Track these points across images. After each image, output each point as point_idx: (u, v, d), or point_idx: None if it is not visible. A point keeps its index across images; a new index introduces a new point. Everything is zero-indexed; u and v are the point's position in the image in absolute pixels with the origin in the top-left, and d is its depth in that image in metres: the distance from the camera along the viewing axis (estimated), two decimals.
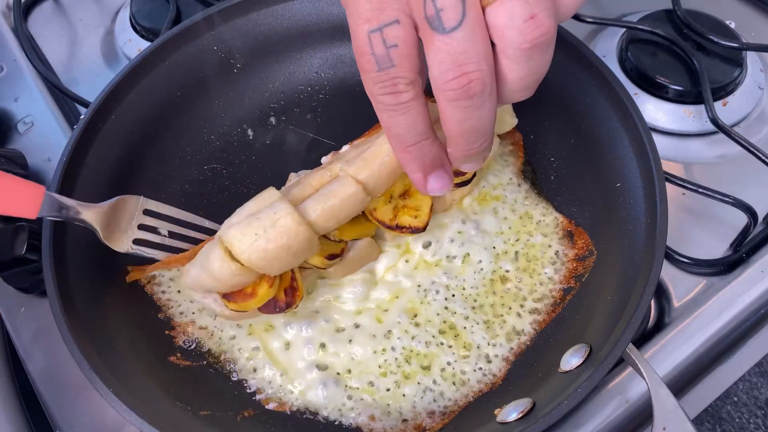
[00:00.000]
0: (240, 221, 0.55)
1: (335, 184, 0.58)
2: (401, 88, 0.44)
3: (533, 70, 0.44)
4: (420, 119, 0.47)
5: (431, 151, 0.49)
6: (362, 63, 0.45)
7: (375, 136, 0.61)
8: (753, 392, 0.68)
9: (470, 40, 0.41)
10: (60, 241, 0.60)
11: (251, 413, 0.59)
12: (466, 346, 0.62)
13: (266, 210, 0.55)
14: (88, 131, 0.65)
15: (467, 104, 0.43)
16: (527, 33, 0.41)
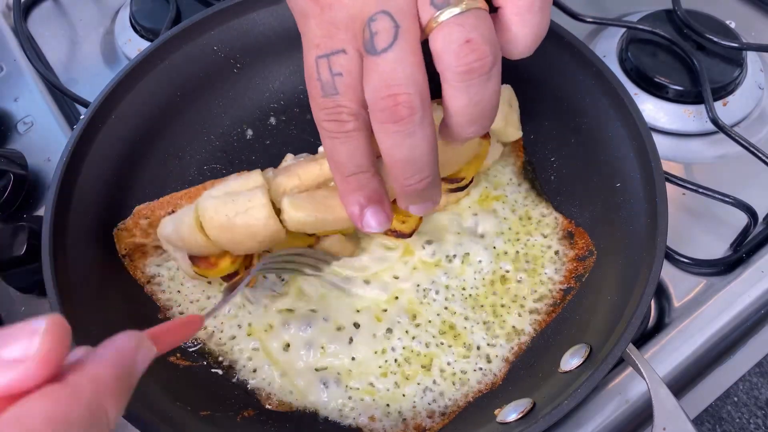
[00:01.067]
0: (218, 196, 0.56)
1: (335, 200, 0.57)
2: (344, 117, 0.45)
3: (474, 100, 0.43)
4: (360, 151, 0.47)
5: (370, 184, 0.49)
6: (310, 88, 0.46)
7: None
8: (753, 392, 0.68)
9: (400, 62, 0.42)
10: (60, 241, 0.60)
11: (251, 413, 0.59)
12: (466, 346, 0.62)
13: (244, 194, 0.56)
14: (88, 131, 0.65)
15: (396, 129, 0.43)
16: (462, 57, 0.41)
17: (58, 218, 0.60)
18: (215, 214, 0.56)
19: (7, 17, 0.98)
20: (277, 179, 0.59)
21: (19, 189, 0.76)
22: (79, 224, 0.63)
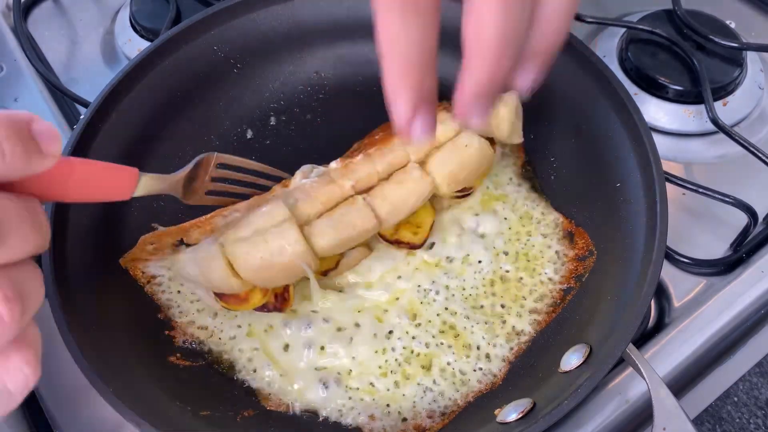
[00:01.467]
0: (247, 238, 0.55)
1: (353, 214, 0.58)
2: None
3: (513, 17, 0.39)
4: (432, 35, 0.40)
5: (431, 81, 0.42)
6: None
7: (403, 176, 0.61)
8: (753, 392, 0.68)
9: None
10: (60, 241, 0.60)
11: (251, 413, 0.59)
12: (466, 347, 0.62)
13: (275, 232, 0.55)
14: (88, 131, 0.65)
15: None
16: None
17: (58, 218, 0.60)
18: (249, 257, 0.55)
19: (7, 17, 0.98)
20: (299, 207, 0.58)
21: None
22: (79, 224, 0.63)
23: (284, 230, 0.55)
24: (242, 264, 0.55)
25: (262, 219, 0.56)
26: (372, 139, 0.69)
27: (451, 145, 0.63)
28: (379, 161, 0.62)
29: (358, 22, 0.78)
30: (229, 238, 0.56)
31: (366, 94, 0.79)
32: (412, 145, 0.62)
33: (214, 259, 0.56)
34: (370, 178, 0.61)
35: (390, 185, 0.60)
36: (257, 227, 0.56)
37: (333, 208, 0.59)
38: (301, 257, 0.55)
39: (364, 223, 0.58)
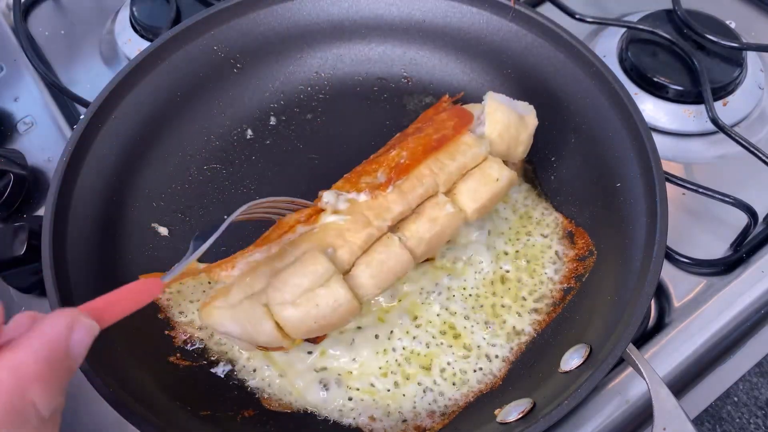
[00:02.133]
0: (295, 300, 0.53)
1: (393, 260, 0.57)
2: None
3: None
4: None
5: None
6: None
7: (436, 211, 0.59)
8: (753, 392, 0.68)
9: None
10: (60, 241, 0.60)
11: (251, 413, 0.59)
12: (466, 347, 0.62)
13: (324, 294, 0.54)
14: (88, 131, 0.65)
15: None
16: None
17: (58, 218, 0.60)
18: (302, 323, 0.54)
19: (7, 17, 0.98)
20: (338, 256, 0.56)
21: (19, 189, 0.76)
22: (79, 224, 0.63)
23: (333, 290, 0.54)
24: (294, 327, 0.54)
25: (306, 279, 0.54)
26: (389, 155, 0.64)
27: (480, 174, 0.62)
28: (411, 196, 0.59)
29: (358, 22, 0.78)
30: (275, 300, 0.54)
31: (366, 94, 0.79)
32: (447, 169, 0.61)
33: (261, 321, 0.54)
34: (403, 214, 0.59)
35: (424, 224, 0.59)
36: (303, 287, 0.54)
37: (369, 249, 0.57)
38: (352, 312, 0.55)
39: (404, 267, 0.58)
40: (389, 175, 0.60)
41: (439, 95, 0.77)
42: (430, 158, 0.61)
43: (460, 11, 0.75)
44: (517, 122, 0.64)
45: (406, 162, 0.60)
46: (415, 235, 0.58)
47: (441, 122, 0.64)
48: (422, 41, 0.78)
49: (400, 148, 0.62)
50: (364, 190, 0.59)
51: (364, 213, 0.58)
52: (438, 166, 0.60)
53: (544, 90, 0.71)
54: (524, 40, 0.72)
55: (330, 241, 0.56)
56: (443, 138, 0.62)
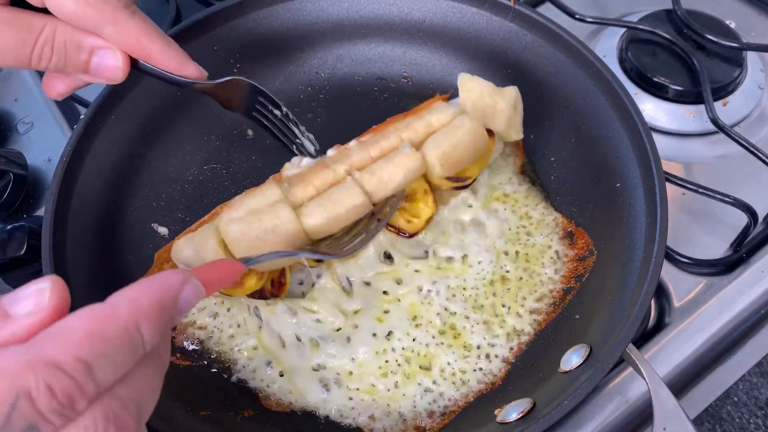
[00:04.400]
0: (241, 218, 0.55)
1: (342, 192, 0.58)
2: None
3: None
4: None
5: None
6: None
7: (393, 153, 0.61)
8: (753, 392, 0.68)
9: None
10: (60, 241, 0.60)
11: (251, 413, 0.59)
12: (466, 347, 0.62)
13: (269, 212, 0.55)
14: (88, 131, 0.65)
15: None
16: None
17: (58, 218, 0.60)
18: (242, 235, 0.55)
19: None
20: (293, 192, 0.59)
21: (19, 189, 0.76)
22: (79, 224, 0.63)
23: (277, 210, 0.56)
24: (236, 243, 0.55)
25: (255, 200, 0.57)
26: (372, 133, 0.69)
27: (446, 129, 0.63)
28: (372, 147, 0.62)
29: (357, 22, 0.78)
30: (224, 218, 0.57)
31: (366, 94, 0.79)
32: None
33: (207, 237, 0.56)
34: (363, 161, 0.61)
35: (379, 162, 0.61)
36: (251, 208, 0.57)
37: (326, 191, 0.59)
38: (295, 236, 0.56)
39: (352, 199, 0.58)
40: (356, 137, 0.64)
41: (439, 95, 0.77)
42: (399, 123, 0.64)
43: (460, 11, 0.75)
44: (492, 91, 0.64)
45: (374, 128, 0.65)
46: (367, 170, 0.60)
47: (419, 109, 0.67)
48: (422, 41, 0.78)
49: (377, 127, 0.66)
50: (332, 147, 0.63)
51: (325, 162, 0.61)
52: (404, 124, 0.63)
53: (544, 90, 0.71)
54: (524, 40, 0.72)
55: (286, 177, 0.60)
56: (415, 109, 0.65)
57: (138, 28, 0.51)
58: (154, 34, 0.53)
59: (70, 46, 0.50)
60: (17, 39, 0.47)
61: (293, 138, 0.67)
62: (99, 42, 0.51)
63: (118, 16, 0.50)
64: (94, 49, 0.51)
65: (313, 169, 0.61)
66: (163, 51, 0.54)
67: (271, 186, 0.58)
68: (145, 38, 0.52)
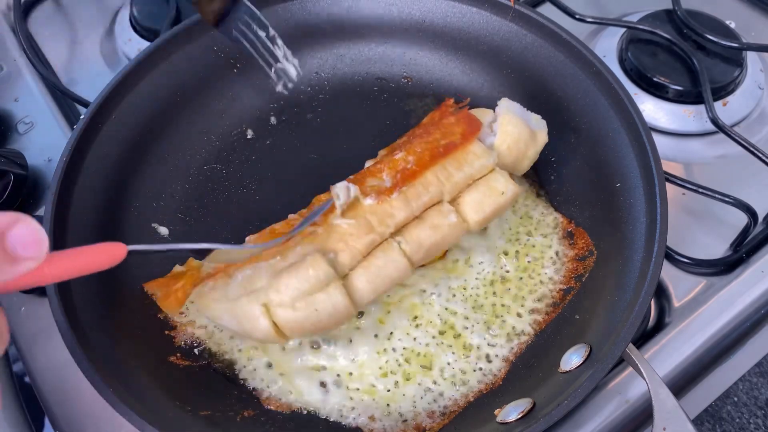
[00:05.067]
0: (294, 304, 0.54)
1: (390, 266, 0.58)
2: None
3: None
4: None
5: None
6: None
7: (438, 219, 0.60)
8: (753, 392, 0.68)
9: None
10: (60, 241, 0.60)
11: (251, 413, 0.59)
12: (466, 347, 0.62)
13: (323, 299, 0.55)
14: (88, 131, 0.65)
15: None
16: None
17: (58, 218, 0.60)
18: (299, 325, 0.55)
19: (7, 17, 0.98)
20: (339, 261, 0.57)
21: (19, 189, 0.76)
22: (79, 224, 0.63)
23: (332, 296, 0.55)
24: (291, 329, 0.55)
25: (307, 283, 0.54)
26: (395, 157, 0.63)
27: (485, 186, 0.62)
28: (415, 203, 0.60)
29: (358, 22, 0.78)
30: (274, 301, 0.55)
31: (366, 94, 0.79)
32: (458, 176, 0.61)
33: (259, 320, 0.55)
34: (406, 220, 0.60)
35: (425, 230, 0.59)
36: (303, 290, 0.54)
37: (369, 254, 0.58)
38: (348, 317, 0.56)
39: (401, 274, 0.59)
40: (395, 179, 0.60)
41: (439, 95, 0.77)
42: (436, 165, 0.61)
43: (460, 11, 0.75)
44: (528, 137, 0.64)
45: (412, 168, 0.60)
46: (416, 240, 0.59)
47: (449, 127, 0.64)
48: (422, 41, 0.78)
49: (407, 152, 0.62)
50: (370, 194, 0.59)
51: (367, 218, 0.58)
52: (444, 174, 0.61)
53: (543, 90, 0.71)
54: (524, 40, 0.72)
55: (332, 245, 0.57)
56: (451, 145, 0.62)
57: None
58: None
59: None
60: None
61: (275, 61, 0.65)
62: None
63: None
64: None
65: (356, 230, 0.58)
66: None
67: (320, 263, 0.55)
68: None
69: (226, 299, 0.57)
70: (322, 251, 0.56)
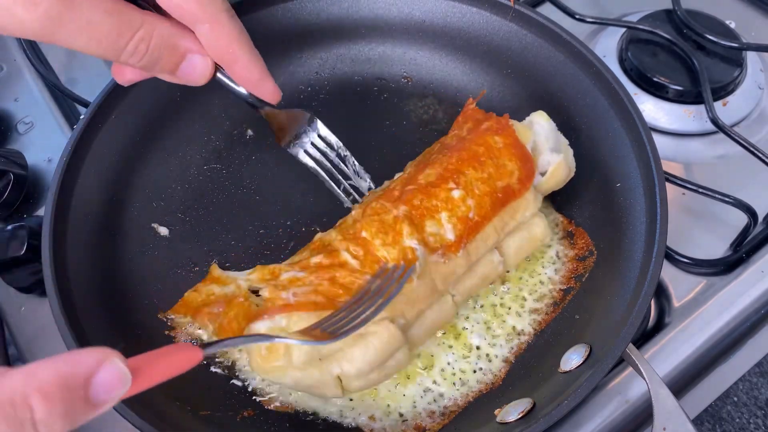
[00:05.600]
0: (368, 374, 0.55)
1: (440, 314, 0.60)
2: None
3: None
4: None
5: None
6: None
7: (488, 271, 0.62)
8: (753, 392, 0.68)
9: None
10: (60, 241, 0.60)
11: (251, 413, 0.59)
12: (466, 347, 0.62)
13: (393, 366, 0.56)
14: (88, 131, 0.65)
15: None
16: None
17: (58, 218, 0.60)
18: (368, 386, 0.57)
19: None
20: (407, 318, 0.57)
21: (19, 189, 0.76)
22: (79, 224, 0.63)
23: (398, 359, 0.57)
24: (359, 389, 0.57)
25: (381, 355, 0.55)
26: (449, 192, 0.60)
27: (527, 233, 0.63)
28: (474, 256, 0.60)
29: (358, 22, 0.78)
30: (347, 373, 0.55)
31: (366, 94, 0.79)
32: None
33: (331, 387, 0.56)
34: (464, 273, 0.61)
35: (476, 280, 0.62)
36: (377, 363, 0.55)
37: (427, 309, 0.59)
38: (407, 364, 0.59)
39: (449, 320, 0.61)
40: (460, 233, 0.58)
41: (440, 95, 0.77)
42: (495, 219, 0.61)
43: (460, 11, 0.75)
44: (566, 179, 0.65)
45: (475, 219, 0.59)
46: (467, 291, 0.62)
47: (496, 154, 0.61)
48: (422, 41, 0.78)
49: (465, 193, 0.59)
50: (437, 251, 0.58)
51: (433, 278, 0.58)
52: (500, 225, 0.61)
53: (544, 90, 0.71)
54: (524, 40, 0.72)
55: (401, 309, 0.57)
56: (509, 192, 0.61)
57: (232, 34, 0.50)
58: (245, 44, 0.52)
59: (164, 49, 0.49)
60: (114, 30, 0.46)
61: (345, 179, 0.67)
62: (192, 46, 0.51)
63: (218, 17, 0.49)
64: (186, 54, 0.51)
65: (423, 292, 0.57)
66: (248, 63, 0.52)
67: (394, 335, 0.55)
68: (236, 45, 0.51)
69: (292, 366, 0.55)
70: (391, 317, 0.56)
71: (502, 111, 0.67)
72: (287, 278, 0.58)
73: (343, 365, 0.55)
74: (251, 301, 0.59)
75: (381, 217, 0.59)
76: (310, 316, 0.55)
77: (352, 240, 0.58)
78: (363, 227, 0.58)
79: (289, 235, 0.69)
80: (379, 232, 0.58)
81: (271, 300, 0.56)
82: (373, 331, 0.55)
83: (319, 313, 0.55)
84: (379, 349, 0.55)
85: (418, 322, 0.58)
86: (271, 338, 0.51)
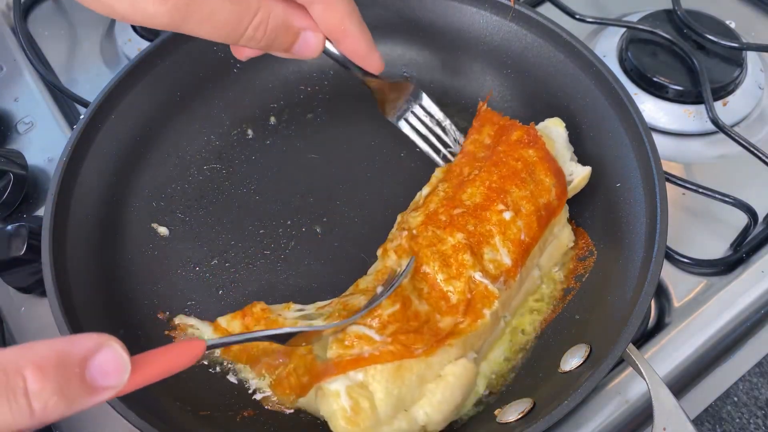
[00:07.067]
0: (450, 416, 0.54)
1: (494, 337, 0.60)
2: None
3: None
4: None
5: None
6: None
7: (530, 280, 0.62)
8: (753, 392, 0.68)
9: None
10: (60, 241, 0.60)
11: (251, 413, 0.59)
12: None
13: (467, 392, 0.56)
14: (88, 131, 0.65)
15: None
16: None
17: (58, 218, 0.60)
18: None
19: (7, 17, 0.98)
20: (483, 351, 0.58)
21: (19, 189, 0.76)
22: (79, 224, 0.63)
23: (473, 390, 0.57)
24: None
25: (462, 396, 0.54)
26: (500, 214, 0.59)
27: (557, 243, 0.64)
28: (527, 281, 0.62)
29: None
30: (432, 419, 0.53)
31: (366, 94, 0.79)
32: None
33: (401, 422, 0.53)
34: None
35: (520, 297, 0.62)
36: (458, 403, 0.54)
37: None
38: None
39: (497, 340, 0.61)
40: (515, 257, 0.58)
41: (440, 95, 0.77)
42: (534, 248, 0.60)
43: (460, 11, 0.75)
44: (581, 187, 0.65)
45: (527, 240, 0.58)
46: (513, 310, 0.61)
47: (533, 168, 0.61)
48: (422, 41, 0.78)
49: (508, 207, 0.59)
50: (499, 279, 0.57)
51: (498, 314, 0.58)
52: (542, 242, 0.61)
53: (544, 90, 0.71)
54: (524, 40, 0.72)
55: (473, 343, 0.56)
56: (551, 210, 0.60)
57: (344, 11, 0.53)
58: (355, 18, 0.54)
59: (280, 30, 0.52)
60: (235, 17, 0.48)
61: (444, 147, 0.68)
62: (305, 23, 0.53)
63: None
64: (300, 32, 0.53)
65: (491, 323, 0.57)
66: (358, 38, 0.55)
67: (472, 372, 0.55)
68: (348, 20, 0.54)
69: (378, 421, 0.51)
70: (465, 351, 0.55)
71: (502, 111, 0.67)
72: (354, 333, 0.53)
73: (426, 409, 0.52)
74: (314, 354, 0.56)
75: (438, 249, 0.57)
76: (386, 368, 0.51)
77: (420, 281, 0.56)
78: (423, 261, 0.57)
79: (289, 235, 0.69)
80: (443, 266, 0.56)
81: (340, 356, 0.52)
82: (451, 372, 0.53)
83: (398, 363, 0.51)
84: (459, 389, 0.53)
85: (482, 351, 0.58)
86: (282, 331, 0.51)
